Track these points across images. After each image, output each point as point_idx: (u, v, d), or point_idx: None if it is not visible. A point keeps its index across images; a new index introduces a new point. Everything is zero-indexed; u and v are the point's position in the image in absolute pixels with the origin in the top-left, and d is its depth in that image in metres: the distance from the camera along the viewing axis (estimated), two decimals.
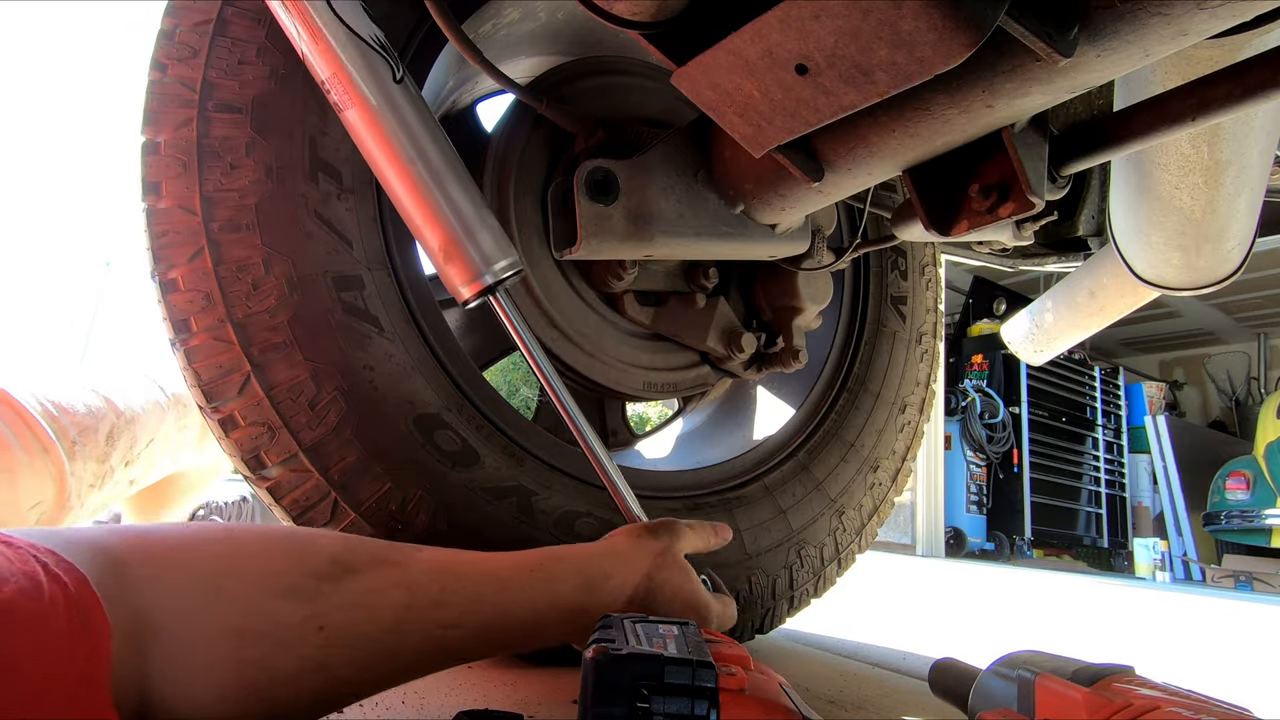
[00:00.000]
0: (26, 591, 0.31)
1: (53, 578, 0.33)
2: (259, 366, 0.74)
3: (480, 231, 0.70)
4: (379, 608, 0.46)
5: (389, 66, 0.65)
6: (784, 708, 0.42)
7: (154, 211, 0.74)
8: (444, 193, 0.69)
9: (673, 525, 0.69)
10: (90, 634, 0.33)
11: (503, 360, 1.20)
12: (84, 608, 0.33)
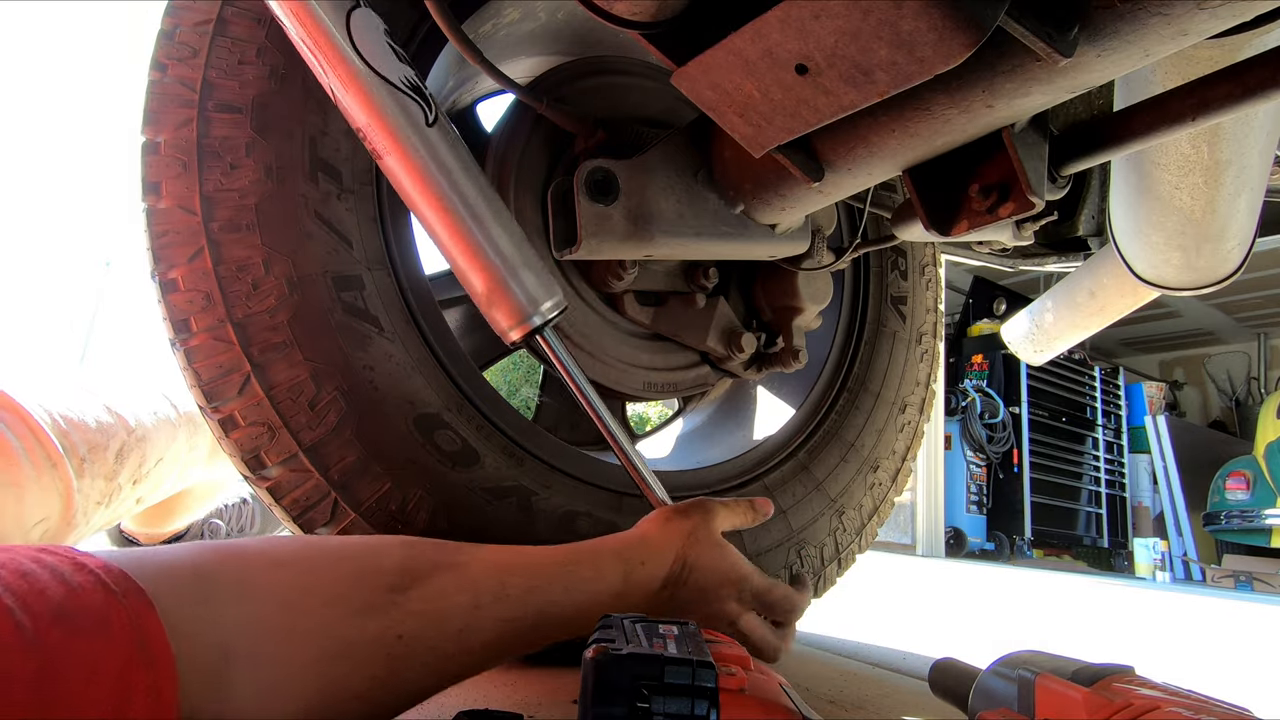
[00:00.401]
0: (86, 631, 0.31)
1: (116, 608, 0.33)
2: (259, 366, 0.74)
3: (523, 272, 0.69)
4: (448, 611, 0.48)
5: (422, 110, 0.63)
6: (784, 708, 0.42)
7: (154, 211, 0.74)
8: (485, 235, 0.68)
9: (704, 504, 0.69)
10: (154, 669, 0.33)
11: (503, 360, 1.20)
12: (147, 641, 0.33)
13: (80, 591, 0.32)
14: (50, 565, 0.32)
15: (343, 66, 0.61)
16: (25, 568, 0.32)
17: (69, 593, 0.32)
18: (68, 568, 0.33)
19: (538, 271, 0.70)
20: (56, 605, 0.31)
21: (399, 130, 0.63)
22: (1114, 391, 7.09)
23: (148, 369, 1.35)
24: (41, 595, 0.31)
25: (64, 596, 0.31)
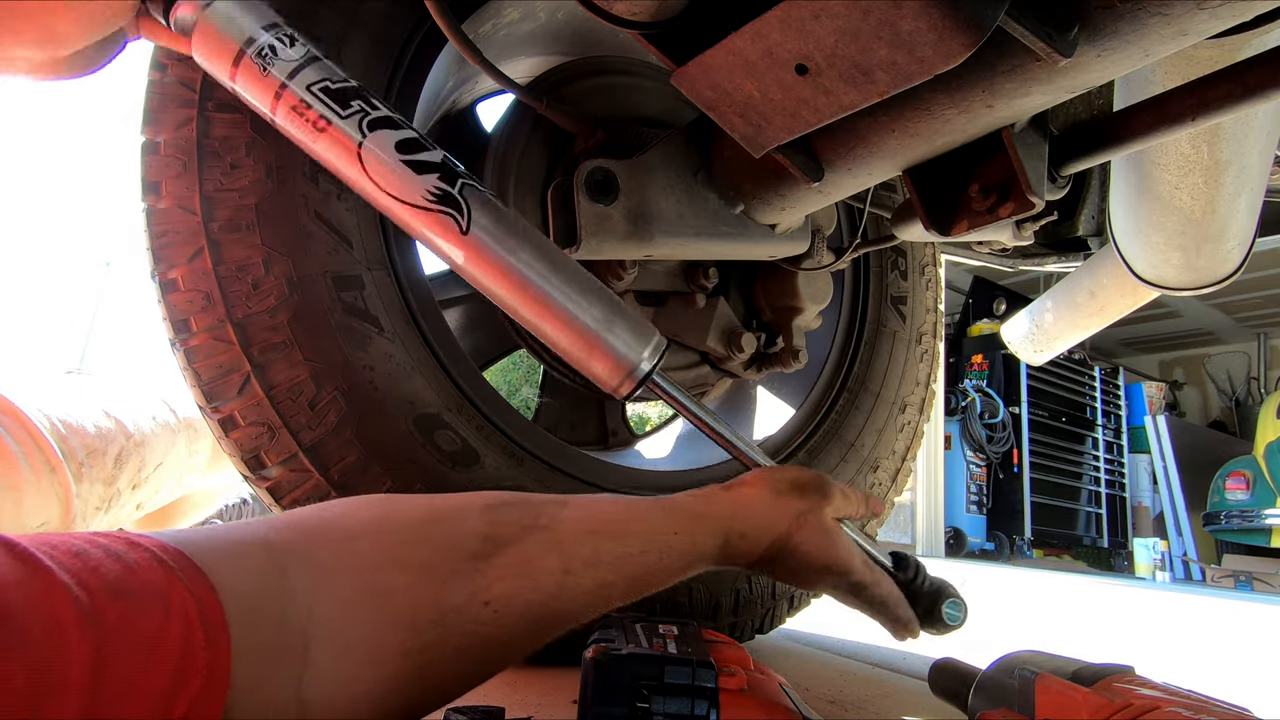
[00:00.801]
0: (145, 607, 0.30)
1: (176, 585, 0.32)
2: (259, 366, 0.74)
3: (618, 326, 0.66)
4: (539, 575, 0.46)
5: (454, 220, 0.61)
6: (784, 708, 0.42)
7: (154, 211, 0.74)
8: (570, 304, 0.64)
9: (824, 485, 0.64)
10: (212, 649, 0.32)
11: (503, 360, 1.21)
12: (207, 619, 0.33)
13: (137, 569, 0.31)
14: (104, 545, 0.32)
15: (370, 198, 0.60)
16: (78, 548, 0.31)
17: (125, 570, 0.31)
18: (122, 546, 0.32)
19: (630, 320, 0.67)
20: (113, 582, 0.30)
21: (446, 244, 0.61)
22: (1114, 391, 7.08)
23: (147, 374, 1.35)
24: (96, 572, 0.30)
25: (121, 573, 0.31)
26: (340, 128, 0.57)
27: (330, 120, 0.56)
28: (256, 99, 0.59)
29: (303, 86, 0.57)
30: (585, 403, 1.27)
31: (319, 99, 0.57)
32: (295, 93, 0.57)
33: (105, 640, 0.28)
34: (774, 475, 0.64)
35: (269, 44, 0.58)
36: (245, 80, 0.59)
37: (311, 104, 0.56)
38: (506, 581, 0.45)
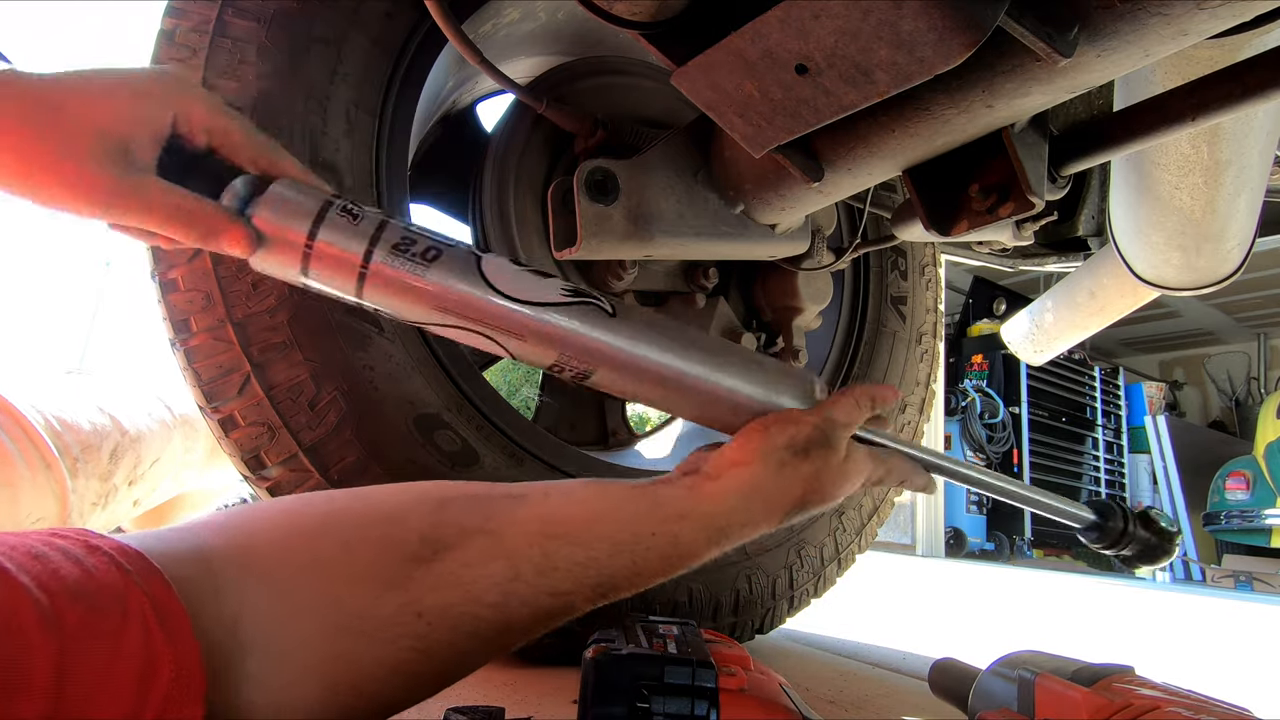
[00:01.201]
0: (105, 609, 0.30)
1: (132, 589, 0.32)
2: (259, 366, 0.74)
3: (780, 387, 0.58)
4: (478, 584, 0.42)
5: (599, 308, 0.54)
6: (784, 708, 0.42)
7: None
8: (728, 378, 0.57)
9: (830, 433, 0.54)
10: (175, 646, 0.32)
11: (503, 360, 1.20)
12: (168, 620, 0.32)
13: (95, 572, 0.31)
14: (62, 548, 0.32)
15: (507, 321, 0.52)
16: (37, 550, 0.31)
17: (84, 573, 0.31)
18: (80, 550, 0.32)
19: (789, 380, 0.60)
20: (73, 585, 0.30)
21: (591, 345, 0.54)
22: (1114, 391, 7.09)
23: (143, 372, 1.36)
24: (56, 575, 0.30)
25: (80, 576, 0.30)
26: (453, 252, 0.51)
27: (441, 249, 0.50)
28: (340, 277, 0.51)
29: (400, 227, 0.51)
30: (585, 403, 1.27)
31: (421, 233, 0.51)
32: (396, 230, 0.51)
33: (67, 642, 0.28)
34: (770, 442, 0.53)
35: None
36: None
37: (415, 239, 0.50)
38: (441, 592, 0.41)
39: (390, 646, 0.39)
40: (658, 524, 0.48)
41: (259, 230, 0.49)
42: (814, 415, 0.55)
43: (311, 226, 0.48)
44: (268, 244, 0.49)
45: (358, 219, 0.49)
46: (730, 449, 0.54)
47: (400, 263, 0.49)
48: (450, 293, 0.50)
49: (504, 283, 0.51)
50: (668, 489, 0.51)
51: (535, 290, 0.52)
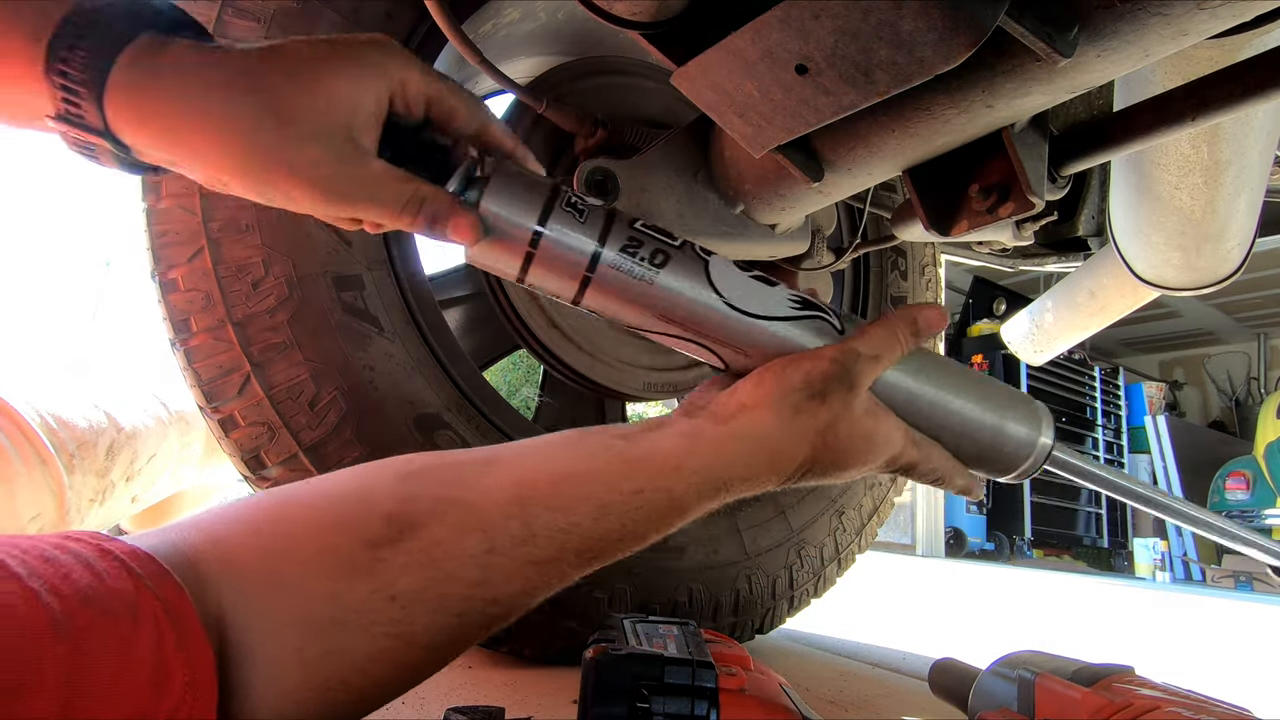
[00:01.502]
0: (116, 614, 0.29)
1: (144, 594, 0.31)
2: (259, 366, 0.74)
3: (1010, 422, 0.53)
4: (453, 561, 0.39)
5: (830, 324, 0.49)
6: (784, 708, 0.42)
7: (154, 211, 0.74)
8: (963, 407, 0.52)
9: (850, 370, 0.46)
10: (187, 650, 0.31)
11: (503, 360, 1.20)
12: (179, 624, 0.31)
13: (107, 576, 0.31)
14: (74, 551, 0.31)
15: (733, 335, 0.47)
16: (49, 553, 0.30)
17: (95, 577, 0.30)
18: (92, 554, 0.31)
19: (1019, 405, 0.55)
20: (84, 589, 0.29)
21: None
22: (1114, 391, 7.09)
23: (138, 369, 1.36)
24: (68, 579, 0.29)
25: (91, 581, 0.30)
26: (681, 255, 0.47)
27: (669, 252, 0.46)
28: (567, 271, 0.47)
29: (626, 226, 0.47)
30: (585, 402, 1.27)
31: (648, 234, 0.47)
32: (623, 229, 0.46)
33: (78, 647, 0.27)
34: (784, 382, 0.46)
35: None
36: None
37: (642, 241, 0.46)
38: (414, 573, 0.38)
39: (365, 634, 0.37)
40: (647, 479, 0.43)
41: (484, 220, 0.45)
42: (833, 349, 0.47)
43: (537, 223, 0.44)
44: (491, 236, 0.45)
45: (583, 214, 0.45)
46: (742, 388, 0.47)
47: (627, 267, 0.45)
48: (678, 302, 0.46)
49: (733, 292, 0.47)
50: (662, 437, 0.45)
51: (764, 301, 0.48)
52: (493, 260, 0.46)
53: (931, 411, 0.51)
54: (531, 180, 0.46)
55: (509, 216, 0.44)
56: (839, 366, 0.46)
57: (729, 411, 0.46)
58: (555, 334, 1.03)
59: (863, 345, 0.47)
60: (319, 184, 0.41)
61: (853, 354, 0.47)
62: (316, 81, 0.40)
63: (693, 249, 0.47)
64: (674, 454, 0.44)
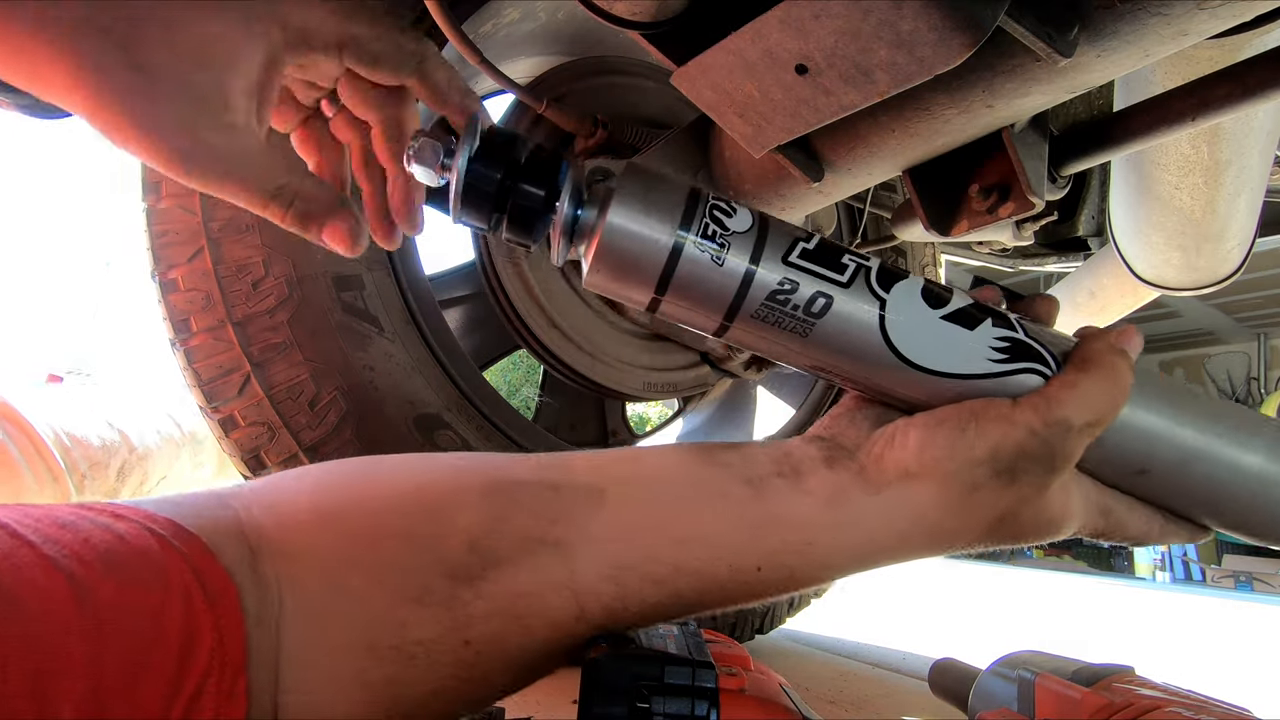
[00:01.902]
0: (143, 581, 0.26)
1: (172, 555, 0.28)
2: (259, 366, 0.74)
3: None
4: (538, 618, 0.33)
5: (1040, 374, 0.37)
6: (784, 708, 0.42)
7: (154, 211, 0.74)
8: (1214, 466, 0.39)
9: (1054, 454, 0.35)
10: (217, 610, 0.28)
11: (503, 360, 1.20)
12: (209, 586, 0.28)
13: (129, 538, 0.27)
14: (89, 517, 0.28)
15: (914, 392, 0.38)
16: (64, 519, 0.27)
17: (117, 539, 0.27)
18: (107, 518, 0.28)
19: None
20: (105, 553, 0.26)
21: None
22: None
23: (152, 384, 1.36)
24: (88, 543, 0.26)
25: (113, 543, 0.27)
26: (847, 300, 0.36)
27: (832, 295, 0.36)
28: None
29: (778, 266, 0.36)
30: (585, 402, 1.27)
31: (806, 271, 0.36)
32: (772, 274, 0.36)
33: (104, 616, 0.25)
34: (963, 451, 0.34)
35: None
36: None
37: (798, 282, 0.36)
38: (493, 623, 0.33)
39: (432, 672, 0.33)
40: (769, 554, 0.35)
41: (608, 236, 0.35)
42: (1034, 413, 0.35)
43: (670, 251, 0.35)
44: (613, 255, 0.36)
45: (722, 252, 0.35)
46: (906, 443, 0.36)
47: (774, 318, 0.36)
48: (837, 362, 0.37)
49: (916, 347, 0.36)
50: (796, 498, 0.35)
51: (958, 355, 0.37)
52: (616, 287, 0.38)
53: (1164, 473, 0.38)
54: (667, 182, 0.37)
55: (640, 232, 0.35)
56: (1041, 444, 0.34)
57: (885, 474, 0.36)
58: (555, 334, 1.03)
59: (1075, 412, 0.35)
60: (174, 153, 0.33)
61: (1062, 428, 0.34)
62: (186, 23, 0.32)
63: (868, 283, 0.36)
64: (808, 525, 0.35)
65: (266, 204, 0.37)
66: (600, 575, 0.34)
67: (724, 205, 0.36)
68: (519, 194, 0.37)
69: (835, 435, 0.38)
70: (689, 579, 0.34)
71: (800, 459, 0.37)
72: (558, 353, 1.03)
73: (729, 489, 0.35)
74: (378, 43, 0.37)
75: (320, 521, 0.33)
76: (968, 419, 0.35)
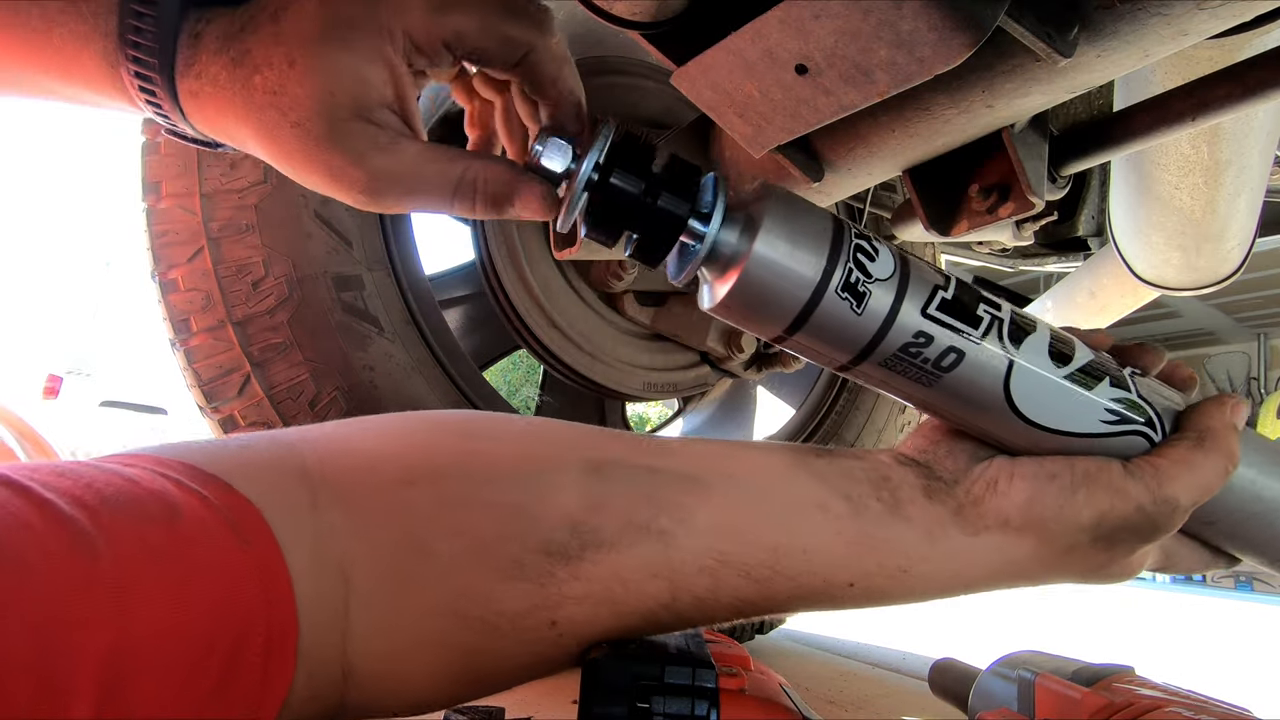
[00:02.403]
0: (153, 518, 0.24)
1: (188, 493, 0.26)
2: (259, 366, 0.74)
3: None
4: (630, 605, 0.33)
5: (1147, 441, 0.37)
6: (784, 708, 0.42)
7: (154, 211, 0.74)
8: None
9: (1155, 530, 0.36)
10: (253, 549, 0.26)
11: (503, 360, 1.20)
12: (241, 525, 0.26)
13: (140, 480, 0.25)
14: (94, 464, 0.26)
15: (1025, 445, 0.37)
16: (63, 469, 0.25)
17: (127, 482, 0.25)
18: (114, 464, 0.26)
19: None
20: (112, 498, 0.24)
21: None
22: None
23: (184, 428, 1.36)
24: (90, 488, 0.24)
25: (124, 485, 0.24)
26: (978, 355, 0.35)
27: (964, 351, 0.34)
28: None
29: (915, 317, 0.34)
30: (585, 402, 1.27)
31: (943, 325, 0.34)
32: (910, 325, 0.34)
33: (124, 572, 0.22)
34: (1068, 515, 0.35)
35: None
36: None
37: (933, 337, 0.34)
38: (586, 606, 0.32)
39: (515, 645, 0.33)
40: (863, 573, 0.35)
41: (752, 268, 0.33)
42: (1145, 489, 0.35)
43: (818, 283, 0.33)
44: (754, 287, 0.33)
45: (862, 302, 0.33)
46: (1010, 499, 0.36)
47: (900, 367, 0.35)
48: (955, 411, 0.37)
49: (1035, 406, 0.36)
50: (894, 525, 0.35)
51: (1074, 414, 0.36)
52: (744, 320, 0.36)
53: (1230, 523, 0.39)
54: (813, 212, 0.35)
55: (786, 267, 0.33)
56: (1146, 519, 0.35)
57: (985, 518, 0.36)
58: (555, 334, 1.03)
59: (1186, 492, 0.35)
60: (356, 187, 0.36)
61: (1170, 506, 0.35)
62: (311, 70, 0.34)
63: (1000, 337, 0.35)
64: (904, 553, 0.35)
65: (454, 200, 0.37)
66: (699, 567, 0.33)
67: (868, 246, 0.34)
68: (659, 213, 0.34)
69: (931, 462, 0.38)
70: (785, 582, 0.35)
71: (899, 484, 0.36)
72: (558, 353, 1.03)
73: (829, 503, 0.35)
74: (481, 37, 0.37)
75: (405, 480, 0.32)
76: (1079, 482, 0.35)
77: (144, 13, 0.35)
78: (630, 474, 0.34)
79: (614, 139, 0.34)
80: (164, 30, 0.35)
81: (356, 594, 0.29)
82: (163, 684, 0.22)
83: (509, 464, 0.33)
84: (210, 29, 0.36)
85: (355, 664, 0.30)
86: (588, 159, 0.33)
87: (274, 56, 0.34)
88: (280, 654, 0.26)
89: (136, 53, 0.35)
